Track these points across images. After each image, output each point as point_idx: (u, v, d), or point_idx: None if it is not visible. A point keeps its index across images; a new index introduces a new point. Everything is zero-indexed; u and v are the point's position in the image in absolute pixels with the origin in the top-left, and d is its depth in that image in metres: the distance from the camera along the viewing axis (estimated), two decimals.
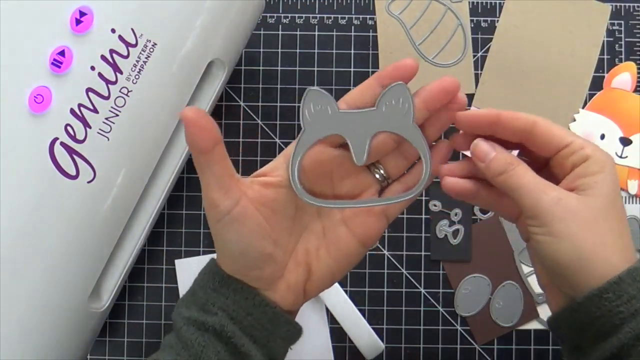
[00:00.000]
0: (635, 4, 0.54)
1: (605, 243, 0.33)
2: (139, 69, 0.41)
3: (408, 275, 0.54)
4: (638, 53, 0.54)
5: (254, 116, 0.54)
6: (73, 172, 0.41)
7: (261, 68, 0.54)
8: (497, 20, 0.54)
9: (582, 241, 0.32)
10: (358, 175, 0.39)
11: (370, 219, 0.38)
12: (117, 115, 0.41)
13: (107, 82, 0.41)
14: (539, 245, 0.34)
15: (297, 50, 0.55)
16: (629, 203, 0.53)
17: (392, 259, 0.54)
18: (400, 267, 0.54)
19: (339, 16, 0.55)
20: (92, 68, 0.40)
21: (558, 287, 0.35)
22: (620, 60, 0.54)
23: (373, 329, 0.53)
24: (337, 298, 0.53)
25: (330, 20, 0.55)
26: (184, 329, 0.36)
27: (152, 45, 0.42)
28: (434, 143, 0.38)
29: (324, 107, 0.36)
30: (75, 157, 0.41)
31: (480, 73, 0.54)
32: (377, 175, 0.39)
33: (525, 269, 0.53)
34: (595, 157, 0.34)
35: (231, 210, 0.35)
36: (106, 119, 0.41)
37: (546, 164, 0.37)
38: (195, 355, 0.35)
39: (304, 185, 0.38)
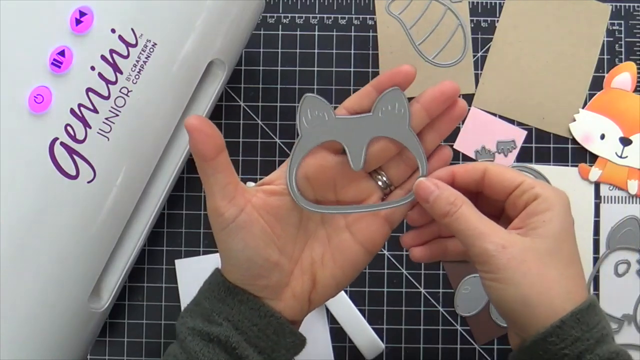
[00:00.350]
0: (635, 4, 0.54)
1: (550, 287, 0.33)
2: (139, 69, 0.41)
3: (408, 275, 0.54)
4: (638, 53, 0.54)
5: (254, 116, 0.54)
6: (73, 172, 0.41)
7: (261, 68, 0.54)
8: (497, 20, 0.54)
9: (527, 288, 0.33)
10: (360, 183, 0.39)
11: (374, 224, 0.39)
12: (117, 115, 0.41)
13: (107, 82, 0.41)
14: (487, 289, 0.34)
15: (297, 50, 0.55)
16: (629, 203, 0.53)
17: (392, 259, 0.54)
18: (400, 267, 0.54)
19: (339, 16, 0.55)
20: (92, 68, 0.40)
21: (510, 328, 0.36)
22: (620, 60, 0.54)
23: (373, 329, 0.53)
24: (337, 298, 0.53)
25: (330, 20, 0.55)
26: (189, 340, 0.36)
27: (152, 45, 0.42)
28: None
29: (321, 114, 0.37)
30: (75, 157, 0.41)
31: (480, 73, 0.54)
32: (380, 183, 0.39)
33: None
34: (545, 195, 0.35)
35: (236, 218, 0.35)
36: (106, 119, 0.41)
37: (501, 209, 0.38)
38: None
39: (308, 193, 0.38)
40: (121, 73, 0.41)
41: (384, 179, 0.39)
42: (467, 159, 0.54)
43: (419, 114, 0.37)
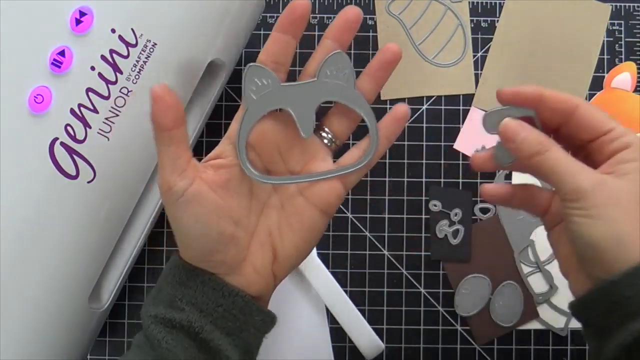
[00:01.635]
0: (635, 4, 0.54)
1: None
2: (139, 69, 0.41)
3: (408, 275, 0.54)
4: (638, 53, 0.54)
5: None
6: (73, 172, 0.41)
7: None
8: (497, 20, 0.54)
9: (621, 225, 0.33)
10: (305, 142, 0.39)
11: (327, 186, 0.39)
12: (117, 115, 0.41)
13: (107, 82, 0.41)
14: (577, 226, 0.34)
15: (297, 50, 0.54)
16: None
17: (392, 259, 0.54)
18: (400, 267, 0.54)
19: None
20: (92, 68, 0.40)
21: (588, 270, 0.35)
22: (620, 60, 0.54)
23: (373, 329, 0.53)
24: (337, 298, 0.53)
25: (330, 20, 0.55)
26: (152, 328, 0.36)
27: (152, 45, 0.42)
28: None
29: (266, 82, 0.37)
30: (75, 157, 0.41)
31: (480, 73, 0.54)
32: (325, 140, 0.39)
33: (525, 269, 0.53)
34: (636, 145, 0.35)
35: (185, 191, 0.35)
36: (106, 119, 0.41)
37: (581, 149, 0.37)
38: (164, 354, 0.35)
39: (255, 162, 0.38)
40: (121, 73, 0.41)
41: (329, 135, 0.39)
42: (467, 159, 0.54)
43: (332, 48, 0.37)
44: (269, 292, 0.39)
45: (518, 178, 0.53)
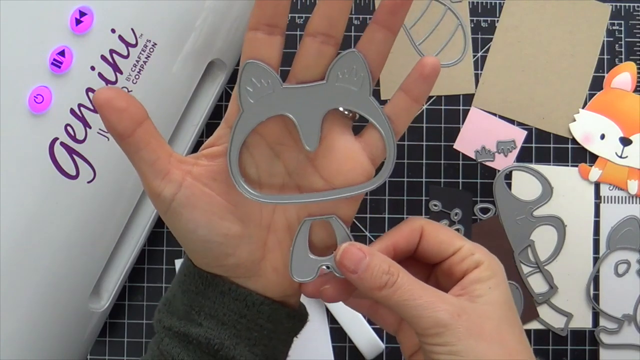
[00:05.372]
0: (635, 4, 0.54)
1: (512, 355, 0.31)
2: (139, 69, 0.41)
3: None
4: (638, 53, 0.54)
5: None
6: (73, 172, 0.41)
7: None
8: (497, 20, 0.54)
9: (490, 357, 0.30)
10: None
11: (349, 165, 0.33)
12: None
13: (107, 82, 0.41)
14: None
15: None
16: (629, 203, 0.53)
17: None
18: None
19: None
20: (92, 68, 0.40)
21: None
22: (620, 60, 0.54)
23: (373, 329, 0.53)
24: None
25: None
26: (166, 342, 0.33)
27: (152, 45, 0.42)
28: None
29: (266, 83, 0.31)
30: (75, 157, 0.41)
31: (480, 73, 0.54)
32: (345, 111, 0.33)
33: (525, 269, 0.53)
34: (487, 262, 0.33)
35: (175, 195, 0.31)
36: None
37: (430, 272, 0.35)
38: None
39: (264, 127, 0.33)
40: (121, 73, 0.41)
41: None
42: (467, 159, 0.54)
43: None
44: (295, 294, 0.35)
45: (519, 178, 0.53)
